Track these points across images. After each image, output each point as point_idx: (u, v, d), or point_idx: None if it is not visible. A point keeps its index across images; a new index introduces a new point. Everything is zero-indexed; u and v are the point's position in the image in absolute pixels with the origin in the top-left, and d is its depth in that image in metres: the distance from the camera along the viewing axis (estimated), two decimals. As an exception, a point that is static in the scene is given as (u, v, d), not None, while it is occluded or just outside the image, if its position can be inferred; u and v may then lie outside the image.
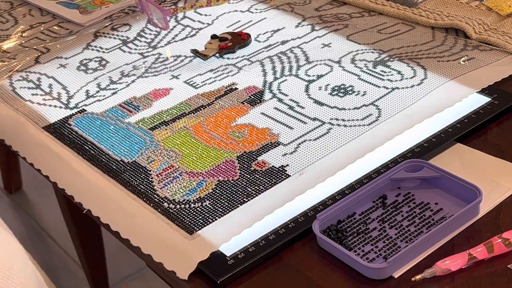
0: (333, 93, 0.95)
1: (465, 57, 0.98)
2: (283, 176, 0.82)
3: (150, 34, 1.17)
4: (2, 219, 0.67)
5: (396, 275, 0.68)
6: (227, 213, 0.78)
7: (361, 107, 0.92)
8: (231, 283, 0.71)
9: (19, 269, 0.59)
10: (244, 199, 0.79)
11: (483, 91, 0.91)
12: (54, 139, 0.94)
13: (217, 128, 0.91)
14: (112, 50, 1.14)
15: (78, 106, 1.00)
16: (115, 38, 1.17)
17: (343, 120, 0.90)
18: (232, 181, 0.82)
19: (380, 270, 0.68)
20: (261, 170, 0.83)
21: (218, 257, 0.72)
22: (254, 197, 0.79)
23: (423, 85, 0.94)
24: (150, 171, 0.85)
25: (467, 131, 0.85)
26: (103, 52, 1.14)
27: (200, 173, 0.84)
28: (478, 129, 0.86)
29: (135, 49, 1.13)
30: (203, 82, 1.02)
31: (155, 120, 0.95)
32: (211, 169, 0.84)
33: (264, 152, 0.86)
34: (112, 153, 0.90)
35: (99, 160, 0.89)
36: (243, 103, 0.96)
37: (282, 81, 0.99)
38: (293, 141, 0.87)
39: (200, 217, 0.78)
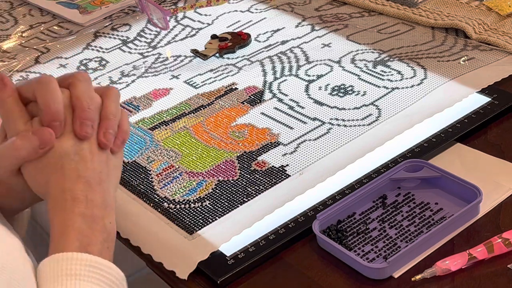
0: (333, 93, 0.95)
1: (465, 57, 0.98)
2: (283, 176, 0.82)
3: (150, 34, 1.17)
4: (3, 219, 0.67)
5: (396, 275, 0.68)
6: (227, 213, 0.78)
7: (361, 107, 0.92)
8: (231, 283, 0.71)
9: (21, 278, 0.59)
10: (244, 199, 0.79)
11: (483, 91, 0.90)
12: (54, 139, 0.94)
13: (217, 128, 0.91)
14: (112, 50, 1.14)
15: (78, 106, 1.00)
16: (115, 38, 1.17)
17: (343, 120, 0.90)
18: (232, 181, 0.82)
19: (380, 270, 0.68)
20: (261, 170, 0.83)
21: (218, 257, 0.72)
22: (254, 197, 0.79)
23: (423, 85, 0.94)
24: (150, 171, 0.85)
25: (467, 131, 0.85)
26: (103, 52, 1.14)
27: (200, 173, 0.84)
28: (478, 129, 0.86)
29: (135, 49, 1.13)
30: (203, 82, 1.02)
31: (155, 120, 0.95)
32: (211, 169, 0.84)
33: (264, 152, 0.86)
34: (112, 153, 0.90)
35: (99, 160, 0.89)
36: (243, 103, 0.96)
37: (282, 81, 0.99)
38: (293, 141, 0.87)
39: (200, 217, 0.78)
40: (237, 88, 0.99)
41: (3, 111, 0.65)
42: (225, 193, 0.81)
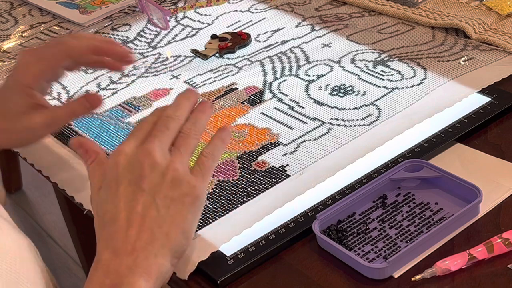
0: (333, 93, 0.95)
1: (465, 57, 0.98)
2: (283, 176, 0.82)
3: (150, 34, 1.17)
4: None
5: (396, 275, 0.68)
6: (227, 213, 0.78)
7: (361, 107, 0.92)
8: (231, 283, 0.71)
9: (28, 270, 0.60)
10: (244, 199, 0.79)
11: (483, 91, 0.91)
12: (54, 139, 0.94)
13: (217, 128, 0.91)
14: (112, 50, 1.14)
15: (78, 106, 1.00)
16: (115, 38, 1.17)
17: (343, 120, 0.90)
18: (232, 181, 0.82)
19: (380, 270, 0.68)
20: (261, 170, 0.83)
21: (218, 257, 0.72)
22: (254, 197, 0.79)
23: (423, 85, 0.94)
24: (150, 171, 0.85)
25: (467, 131, 0.85)
26: (103, 52, 1.13)
27: (200, 173, 0.84)
28: (478, 129, 0.86)
29: (135, 49, 1.13)
30: (203, 82, 1.02)
31: (155, 120, 0.95)
32: (211, 169, 0.84)
33: (264, 152, 0.86)
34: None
35: (99, 160, 0.89)
36: (243, 103, 0.96)
37: (282, 81, 0.99)
38: (293, 141, 0.87)
39: (200, 217, 0.77)
40: (237, 88, 0.99)
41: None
42: (225, 193, 0.81)
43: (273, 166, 0.84)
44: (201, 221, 0.77)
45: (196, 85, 1.01)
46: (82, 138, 0.71)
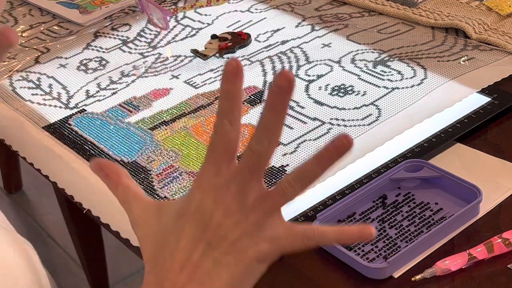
0: (333, 93, 0.95)
1: (465, 57, 0.98)
2: (283, 176, 0.82)
3: (150, 34, 1.17)
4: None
5: (396, 275, 0.68)
6: (227, 213, 0.77)
7: (361, 107, 0.92)
8: (231, 283, 0.70)
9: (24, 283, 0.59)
10: (244, 199, 0.79)
11: (483, 91, 0.91)
12: (54, 139, 0.94)
13: (217, 128, 0.91)
14: (112, 50, 1.14)
15: (78, 106, 1.00)
16: (115, 38, 1.17)
17: (343, 120, 0.90)
18: (232, 181, 0.82)
19: (380, 270, 0.68)
20: (261, 170, 0.83)
21: (218, 257, 0.72)
22: (254, 197, 0.79)
23: (423, 85, 0.94)
24: (150, 171, 0.85)
25: (467, 131, 0.85)
26: (103, 52, 1.14)
27: (200, 173, 0.84)
28: (478, 129, 0.86)
29: (135, 49, 1.13)
30: (203, 82, 1.02)
31: (155, 120, 0.95)
32: (211, 169, 0.84)
33: (264, 152, 0.86)
34: (112, 153, 0.90)
35: (99, 160, 0.89)
36: (243, 103, 0.96)
37: (282, 81, 0.99)
38: (293, 141, 0.87)
39: (200, 217, 0.77)
40: (237, 88, 0.99)
41: None
42: (225, 193, 0.80)
43: (273, 166, 0.84)
44: (201, 221, 0.77)
45: (196, 85, 1.01)
46: (101, 161, 0.64)
